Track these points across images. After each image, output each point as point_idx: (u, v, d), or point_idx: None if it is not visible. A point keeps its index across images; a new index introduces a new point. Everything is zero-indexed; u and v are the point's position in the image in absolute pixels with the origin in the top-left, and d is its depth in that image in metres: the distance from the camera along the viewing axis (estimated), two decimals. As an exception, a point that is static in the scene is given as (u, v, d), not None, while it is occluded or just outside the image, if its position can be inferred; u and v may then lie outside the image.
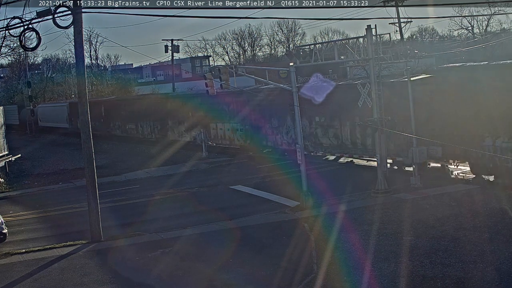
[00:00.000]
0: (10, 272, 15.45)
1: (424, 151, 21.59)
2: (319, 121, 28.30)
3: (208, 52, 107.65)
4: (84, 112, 18.11)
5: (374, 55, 21.15)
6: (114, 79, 74.59)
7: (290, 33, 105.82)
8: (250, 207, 21.14)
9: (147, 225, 19.54)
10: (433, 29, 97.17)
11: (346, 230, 16.80)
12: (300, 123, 20.96)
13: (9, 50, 43.05)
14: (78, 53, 18.07)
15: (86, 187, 18.41)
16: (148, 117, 43.01)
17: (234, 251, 15.87)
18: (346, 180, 23.95)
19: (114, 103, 50.28)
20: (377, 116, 21.22)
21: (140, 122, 44.36)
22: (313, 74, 29.21)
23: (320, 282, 13.25)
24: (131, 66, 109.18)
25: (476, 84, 21.11)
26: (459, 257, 13.75)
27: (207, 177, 28.16)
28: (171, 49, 61.62)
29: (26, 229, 20.65)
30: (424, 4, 33.52)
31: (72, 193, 26.54)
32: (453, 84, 21.96)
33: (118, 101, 51.40)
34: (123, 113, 46.49)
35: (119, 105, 48.47)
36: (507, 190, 19.51)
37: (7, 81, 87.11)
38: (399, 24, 44.43)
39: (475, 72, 21.91)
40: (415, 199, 19.76)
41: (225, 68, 22.03)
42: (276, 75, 51.84)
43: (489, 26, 79.84)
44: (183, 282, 13.98)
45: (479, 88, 20.90)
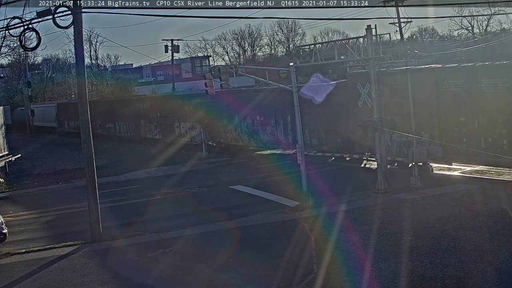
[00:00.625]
0: (10, 272, 15.46)
1: (424, 151, 21.59)
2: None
3: (208, 52, 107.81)
4: (84, 112, 18.10)
5: (374, 55, 21.15)
6: (114, 79, 74.58)
7: (290, 33, 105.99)
8: (250, 207, 21.13)
9: (147, 225, 19.54)
10: (433, 29, 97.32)
11: (346, 230, 16.80)
12: (300, 123, 20.96)
13: (9, 50, 43.15)
14: (78, 53, 18.06)
15: (86, 187, 18.41)
16: (123, 117, 46.30)
17: (234, 251, 15.87)
18: (346, 180, 23.95)
19: (96, 104, 52.08)
20: (377, 116, 21.23)
21: (118, 121, 47.33)
22: (313, 74, 29.22)
23: (320, 282, 13.25)
24: (131, 66, 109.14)
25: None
26: (459, 257, 13.75)
27: (207, 177, 28.16)
28: (171, 49, 61.68)
29: (26, 229, 20.64)
30: (424, 4, 33.58)
31: (72, 193, 26.54)
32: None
33: (100, 102, 53.44)
34: (104, 114, 49.03)
35: (101, 105, 50.69)
36: (507, 190, 19.53)
37: (7, 81, 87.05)
38: (399, 24, 44.47)
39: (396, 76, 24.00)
40: (415, 199, 19.76)
41: (225, 68, 22.04)
42: (276, 75, 51.84)
43: (489, 26, 79.92)
44: (183, 282, 13.99)
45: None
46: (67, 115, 55.54)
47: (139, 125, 43.79)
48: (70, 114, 52.50)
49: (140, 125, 43.69)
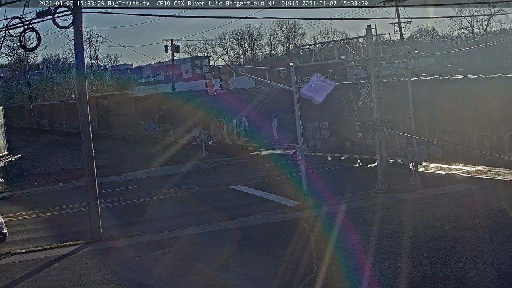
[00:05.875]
0: (10, 272, 15.46)
1: (424, 151, 21.58)
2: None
3: (208, 52, 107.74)
4: (84, 112, 18.11)
5: (374, 55, 21.14)
6: (114, 79, 74.58)
7: (290, 33, 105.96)
8: (250, 207, 21.13)
9: (147, 225, 19.55)
10: (433, 29, 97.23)
11: (346, 230, 16.80)
12: (300, 123, 20.97)
13: (9, 50, 43.08)
14: (78, 53, 18.06)
15: (86, 187, 18.41)
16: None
17: (234, 251, 15.87)
18: (346, 180, 23.95)
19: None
20: (377, 116, 21.23)
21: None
22: (313, 74, 29.23)
23: (320, 282, 13.25)
24: (131, 66, 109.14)
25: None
26: (459, 257, 13.75)
27: (207, 177, 28.16)
28: (171, 49, 61.61)
29: (26, 229, 20.64)
30: (424, 4, 33.55)
31: (72, 193, 26.54)
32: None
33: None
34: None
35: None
36: (507, 190, 19.53)
37: (7, 81, 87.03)
38: (399, 24, 44.40)
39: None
40: (415, 199, 19.76)
41: (225, 68, 22.05)
42: (276, 75, 51.80)
43: (489, 26, 79.82)
44: (183, 282, 13.99)
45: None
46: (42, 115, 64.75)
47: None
48: (44, 114, 64.24)
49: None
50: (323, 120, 28.27)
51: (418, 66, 26.69)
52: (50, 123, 63.03)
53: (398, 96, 23.02)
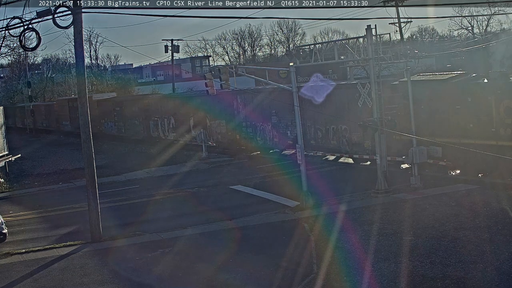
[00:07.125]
0: (10, 272, 15.47)
1: (424, 151, 21.57)
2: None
3: (208, 52, 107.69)
4: (84, 112, 18.11)
5: (374, 55, 21.14)
6: (114, 79, 74.50)
7: (290, 33, 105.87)
8: (250, 207, 21.13)
9: (147, 225, 19.55)
10: (433, 29, 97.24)
11: (346, 230, 16.80)
12: (300, 123, 20.95)
13: (9, 50, 43.02)
14: (78, 53, 18.06)
15: (86, 187, 18.41)
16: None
17: (234, 251, 15.88)
18: (346, 180, 23.94)
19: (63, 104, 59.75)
20: (377, 116, 21.22)
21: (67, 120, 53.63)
22: (313, 74, 29.23)
23: (320, 282, 13.25)
24: (131, 66, 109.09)
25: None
26: (459, 257, 13.76)
27: (207, 177, 28.16)
28: (171, 49, 61.66)
29: (26, 229, 20.65)
30: (424, 4, 33.52)
31: (72, 193, 26.54)
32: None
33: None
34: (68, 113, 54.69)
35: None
36: (507, 190, 19.52)
37: (7, 81, 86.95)
38: (399, 24, 44.38)
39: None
40: (415, 199, 19.76)
41: (225, 68, 22.03)
42: (276, 75, 51.80)
43: (489, 26, 79.89)
44: (183, 282, 13.99)
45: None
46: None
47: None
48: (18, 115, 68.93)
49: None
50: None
51: (418, 66, 26.64)
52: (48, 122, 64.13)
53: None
